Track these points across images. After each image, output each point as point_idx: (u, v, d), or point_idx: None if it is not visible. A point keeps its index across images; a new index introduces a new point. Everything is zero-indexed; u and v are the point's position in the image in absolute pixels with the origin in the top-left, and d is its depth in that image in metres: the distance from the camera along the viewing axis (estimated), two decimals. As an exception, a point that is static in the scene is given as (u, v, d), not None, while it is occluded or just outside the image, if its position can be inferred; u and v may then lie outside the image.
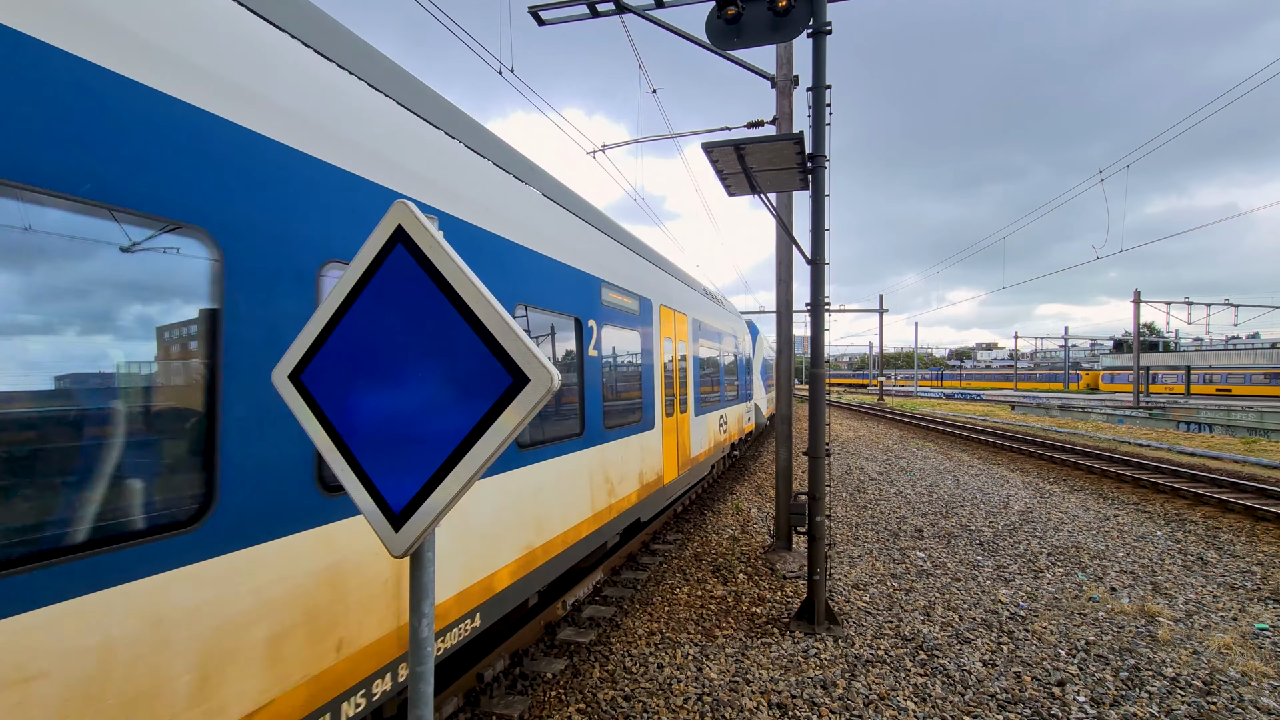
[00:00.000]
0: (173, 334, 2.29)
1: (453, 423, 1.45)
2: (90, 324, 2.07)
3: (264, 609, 2.42)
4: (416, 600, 1.55)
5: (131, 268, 2.11)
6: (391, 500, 1.51)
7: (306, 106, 2.84)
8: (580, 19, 9.14)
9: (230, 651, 2.29)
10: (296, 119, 2.76)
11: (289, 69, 2.81)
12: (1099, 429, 28.53)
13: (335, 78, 3.13)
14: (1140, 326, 40.17)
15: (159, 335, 2.24)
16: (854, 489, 13.46)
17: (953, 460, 18.05)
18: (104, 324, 2.11)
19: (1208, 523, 10.43)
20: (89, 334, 2.07)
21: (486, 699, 4.68)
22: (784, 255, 8.97)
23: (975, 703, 4.74)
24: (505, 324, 1.42)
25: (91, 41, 1.94)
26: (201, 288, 2.29)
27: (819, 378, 6.43)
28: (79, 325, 2.05)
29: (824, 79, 6.17)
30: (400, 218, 1.52)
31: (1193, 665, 5.34)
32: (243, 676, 2.34)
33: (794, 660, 5.41)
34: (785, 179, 6.63)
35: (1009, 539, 9.37)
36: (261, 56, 2.65)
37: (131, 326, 2.18)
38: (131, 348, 2.19)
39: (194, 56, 2.27)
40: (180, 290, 2.25)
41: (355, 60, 3.39)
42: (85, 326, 2.06)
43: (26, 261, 1.83)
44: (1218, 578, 7.67)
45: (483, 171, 4.49)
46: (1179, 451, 19.62)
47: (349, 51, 3.38)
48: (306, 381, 1.66)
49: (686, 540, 9.31)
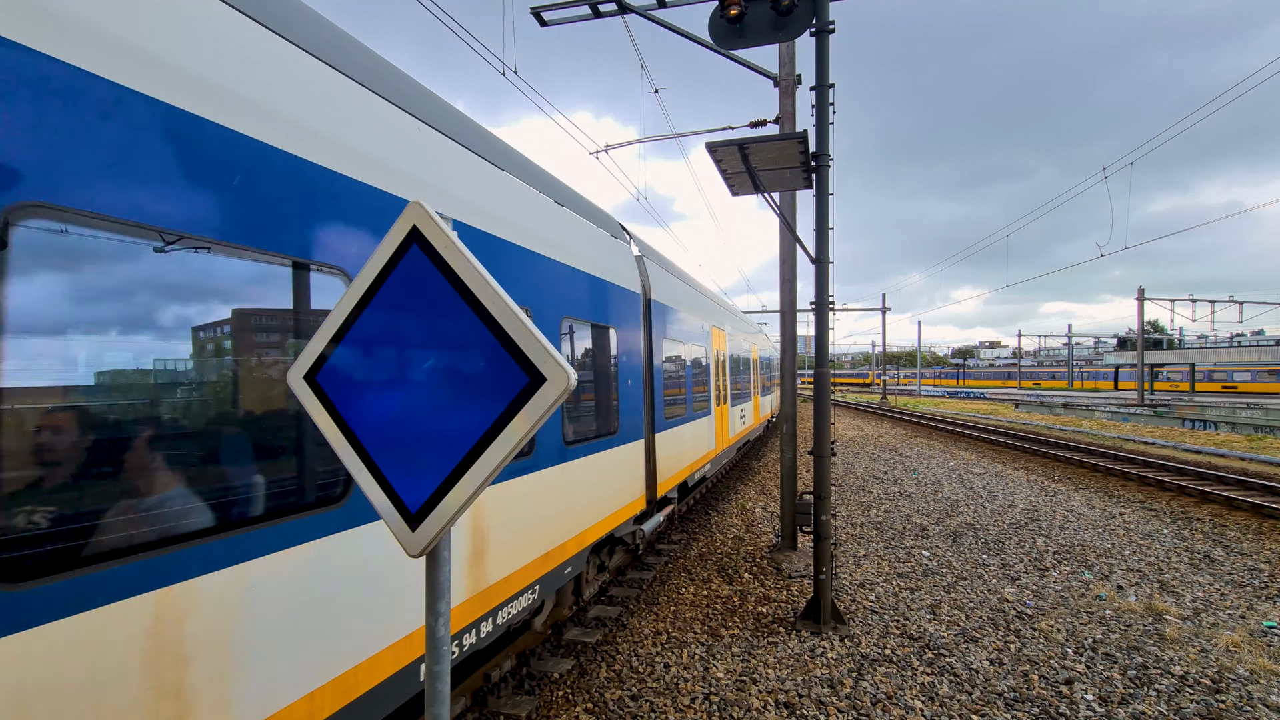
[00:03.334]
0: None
1: (469, 422, 1.46)
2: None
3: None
4: (433, 600, 1.56)
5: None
6: (408, 500, 1.52)
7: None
8: (582, 20, 9.15)
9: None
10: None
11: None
12: (1104, 427, 28.45)
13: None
14: (1144, 324, 40.06)
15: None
16: (858, 488, 13.45)
17: (957, 459, 18.02)
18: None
19: (1214, 520, 10.40)
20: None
21: (494, 699, 4.69)
22: (788, 254, 8.97)
23: (983, 701, 4.73)
24: (521, 324, 1.43)
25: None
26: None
27: (824, 377, 6.43)
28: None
29: (827, 78, 6.17)
30: (415, 218, 1.53)
31: (1201, 663, 5.33)
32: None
33: (801, 659, 5.41)
34: (789, 178, 6.63)
35: (1015, 537, 9.36)
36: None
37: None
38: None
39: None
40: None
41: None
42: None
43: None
44: (1225, 575, 7.65)
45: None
46: (1184, 449, 19.57)
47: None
48: (322, 382, 1.67)
49: (691, 540, 9.31)
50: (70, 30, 1.85)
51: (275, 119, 2.48)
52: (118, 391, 2.07)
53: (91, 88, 1.87)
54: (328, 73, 2.91)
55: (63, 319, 1.91)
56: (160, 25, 2.12)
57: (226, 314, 2.37)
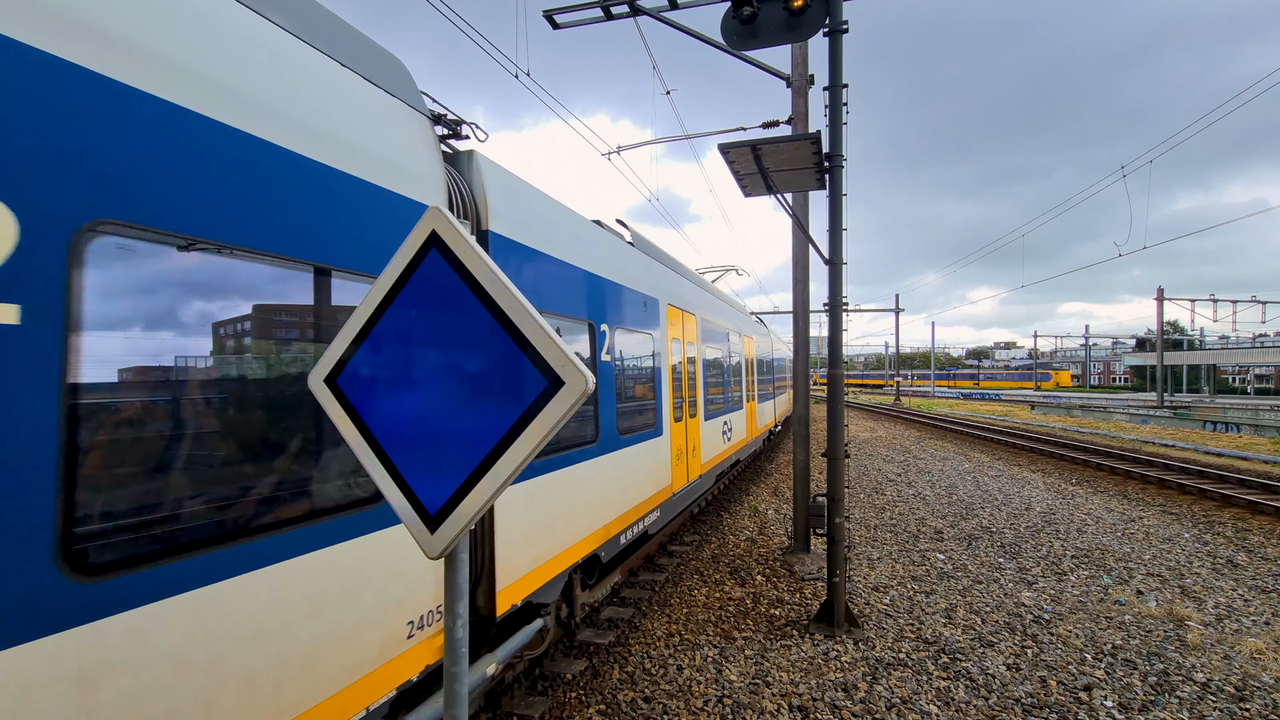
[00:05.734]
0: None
1: (488, 426, 1.47)
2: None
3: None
4: (451, 601, 1.57)
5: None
6: (427, 502, 1.54)
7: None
8: (594, 22, 9.17)
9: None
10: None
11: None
12: (1122, 429, 28.03)
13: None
14: (1164, 324, 39.42)
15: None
16: (872, 490, 13.36)
17: (972, 461, 17.84)
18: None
19: (1237, 524, 10.20)
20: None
21: (508, 699, 4.71)
22: (800, 255, 8.93)
23: (1000, 707, 4.68)
24: (540, 328, 1.44)
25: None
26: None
27: (837, 379, 6.40)
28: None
29: (840, 78, 6.14)
30: (434, 223, 1.54)
31: (1224, 670, 5.23)
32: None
33: (814, 663, 5.38)
34: (802, 179, 6.61)
35: (1031, 541, 9.24)
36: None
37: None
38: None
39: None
40: None
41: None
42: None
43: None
44: (1248, 581, 7.51)
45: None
46: (1205, 452, 19.22)
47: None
48: (343, 385, 1.69)
49: (704, 541, 9.29)
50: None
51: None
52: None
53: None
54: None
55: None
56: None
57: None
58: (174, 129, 2.12)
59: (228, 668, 2.17)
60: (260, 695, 2.27)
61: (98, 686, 1.81)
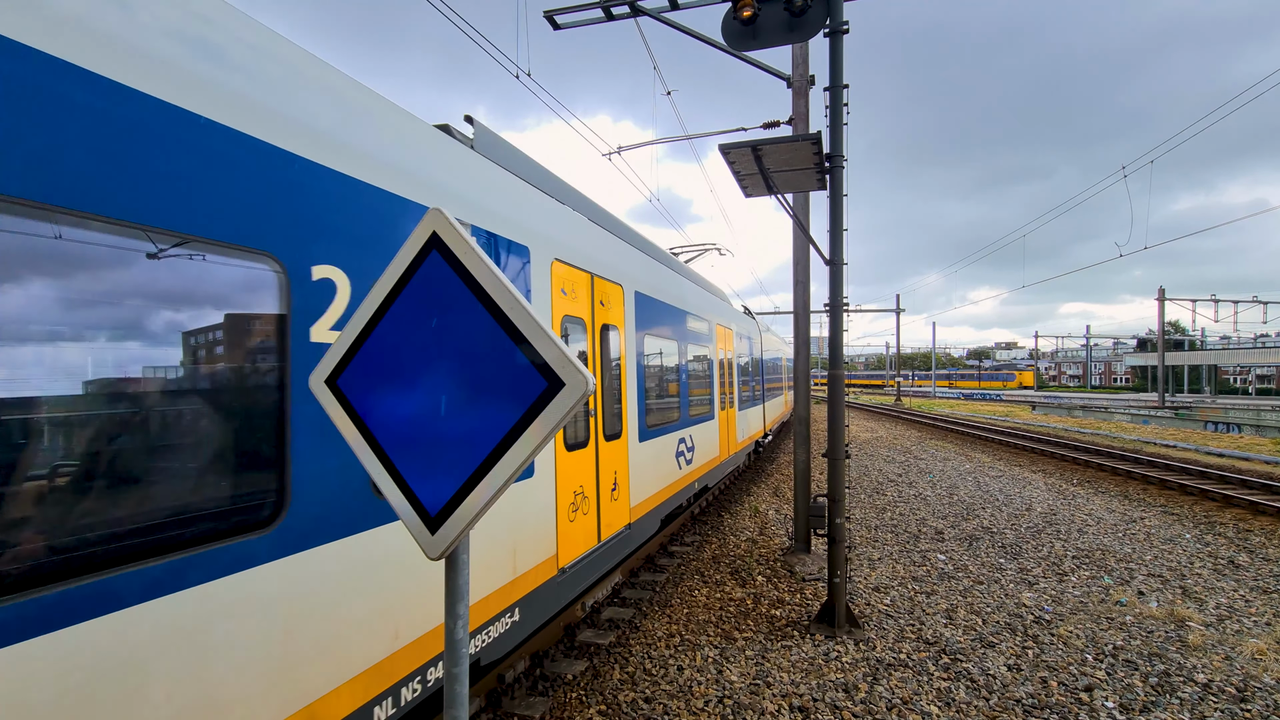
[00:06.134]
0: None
1: (488, 426, 1.47)
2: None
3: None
4: (451, 602, 1.57)
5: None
6: (428, 503, 1.54)
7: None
8: (595, 22, 9.18)
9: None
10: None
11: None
12: (1123, 429, 28.00)
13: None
14: (1165, 324, 39.38)
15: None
16: (873, 491, 13.35)
17: (972, 461, 17.82)
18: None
19: (1238, 525, 10.19)
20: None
21: (508, 699, 4.71)
22: (801, 256, 8.93)
23: (1000, 708, 4.68)
24: (540, 329, 1.44)
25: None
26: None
27: (838, 379, 6.40)
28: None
29: (841, 78, 6.14)
30: (435, 225, 1.55)
31: (1225, 671, 5.22)
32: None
33: (815, 663, 5.38)
34: (802, 179, 6.61)
35: (1032, 541, 9.24)
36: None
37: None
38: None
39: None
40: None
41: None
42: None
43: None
44: (1250, 581, 7.50)
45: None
46: (1207, 452, 19.19)
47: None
48: (343, 386, 1.69)
49: (704, 542, 9.29)
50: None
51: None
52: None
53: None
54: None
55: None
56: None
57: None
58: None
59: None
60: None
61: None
